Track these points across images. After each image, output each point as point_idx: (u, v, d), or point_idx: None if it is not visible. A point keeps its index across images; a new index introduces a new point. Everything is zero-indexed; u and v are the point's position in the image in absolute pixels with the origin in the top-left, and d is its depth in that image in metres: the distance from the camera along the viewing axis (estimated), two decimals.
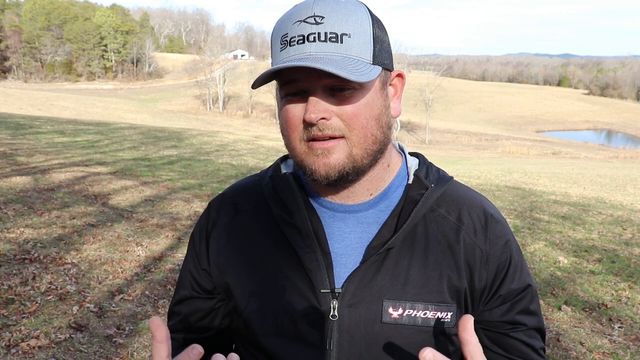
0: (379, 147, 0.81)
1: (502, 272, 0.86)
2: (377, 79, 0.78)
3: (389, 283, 0.82)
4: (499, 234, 0.88)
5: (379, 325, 0.82)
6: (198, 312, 0.98)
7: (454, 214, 0.88)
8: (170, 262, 4.68)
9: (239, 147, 16.60)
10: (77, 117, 30.31)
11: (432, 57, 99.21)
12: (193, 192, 7.75)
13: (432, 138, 50.37)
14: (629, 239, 6.88)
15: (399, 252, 0.84)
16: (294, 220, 0.85)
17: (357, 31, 0.75)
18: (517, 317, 0.87)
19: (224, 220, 0.94)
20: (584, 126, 75.71)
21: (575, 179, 14.94)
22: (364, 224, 0.86)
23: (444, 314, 0.83)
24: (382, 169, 0.86)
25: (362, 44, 0.76)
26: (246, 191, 0.96)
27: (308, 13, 0.75)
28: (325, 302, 0.82)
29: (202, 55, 75.75)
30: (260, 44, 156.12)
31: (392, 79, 0.84)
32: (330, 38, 0.74)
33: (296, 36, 0.75)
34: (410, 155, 0.94)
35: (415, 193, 0.86)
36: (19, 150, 10.00)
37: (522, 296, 0.87)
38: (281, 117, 0.81)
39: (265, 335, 0.86)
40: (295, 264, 0.85)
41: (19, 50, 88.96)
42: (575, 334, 3.85)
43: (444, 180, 0.90)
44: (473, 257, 0.85)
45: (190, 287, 0.97)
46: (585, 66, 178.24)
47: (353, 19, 0.75)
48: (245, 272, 0.89)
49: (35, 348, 3.02)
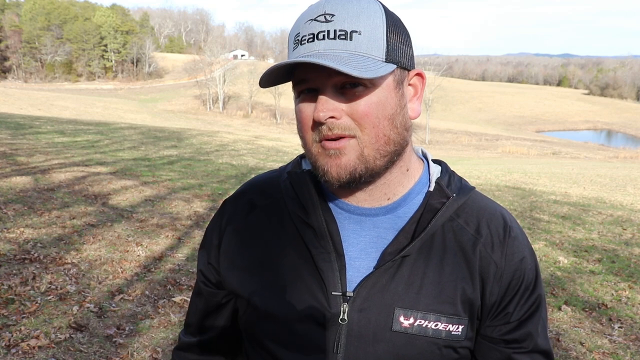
0: (394, 148, 0.79)
1: (514, 289, 0.84)
2: (389, 77, 0.76)
3: (402, 291, 0.81)
4: (516, 250, 0.85)
5: (388, 333, 0.80)
6: (209, 306, 0.99)
7: (472, 225, 0.85)
8: (170, 262, 4.68)
9: (239, 147, 16.61)
10: (77, 117, 30.31)
11: (432, 57, 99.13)
12: (193, 192, 7.75)
13: (432, 138, 50.36)
14: (629, 239, 6.88)
15: (415, 261, 0.82)
16: (309, 219, 0.84)
17: (368, 28, 0.74)
18: (521, 336, 0.85)
19: (239, 216, 0.93)
20: (584, 126, 75.71)
21: (575, 179, 14.93)
22: (380, 228, 0.84)
23: (455, 326, 0.81)
24: (400, 173, 0.84)
25: (374, 41, 0.74)
26: (264, 187, 0.95)
27: (319, 11, 0.75)
28: (335, 305, 0.81)
29: (202, 55, 75.70)
30: (260, 44, 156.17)
31: (411, 79, 0.82)
32: (340, 35, 0.73)
33: (307, 35, 0.75)
34: (433, 163, 0.91)
35: (435, 201, 0.84)
36: (19, 150, 10.00)
37: (528, 315, 0.85)
38: (296, 117, 0.81)
39: (272, 334, 0.86)
40: (308, 263, 0.83)
41: (19, 50, 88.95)
42: (575, 334, 3.84)
43: (466, 190, 0.88)
44: (487, 272, 0.83)
45: (202, 283, 0.99)
46: (585, 66, 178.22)
47: (364, 17, 0.74)
48: (256, 270, 0.88)
49: (35, 348, 3.02)
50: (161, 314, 3.65)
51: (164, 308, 3.74)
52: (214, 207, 6.86)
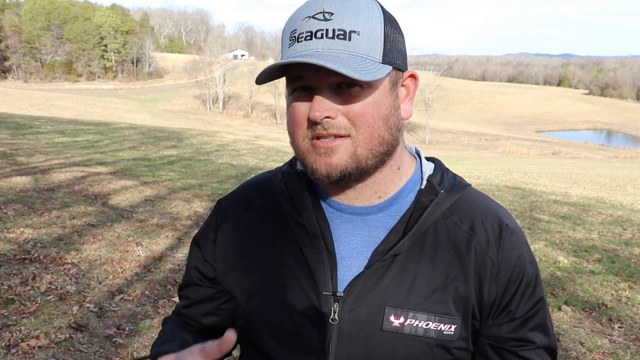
0: (386, 148, 0.78)
1: (514, 286, 0.83)
2: (386, 78, 0.76)
3: (392, 290, 0.80)
4: (513, 246, 0.84)
5: (378, 332, 0.80)
6: (201, 301, 0.97)
7: (466, 222, 0.84)
8: (170, 262, 4.68)
9: (239, 147, 16.61)
10: (77, 117, 30.31)
11: (432, 57, 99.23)
12: (193, 192, 7.75)
13: (432, 138, 50.37)
14: (629, 239, 6.88)
15: (406, 259, 0.81)
16: (302, 219, 0.84)
17: (366, 29, 0.74)
18: (526, 334, 0.83)
19: (234, 215, 0.94)
20: (584, 126, 75.72)
21: (575, 179, 14.93)
22: (372, 227, 0.84)
23: (447, 326, 0.80)
24: (390, 172, 0.84)
25: (372, 42, 0.74)
26: (259, 187, 0.96)
27: (317, 9, 0.74)
28: (326, 305, 0.81)
29: (202, 55, 75.71)
30: (260, 44, 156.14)
31: (405, 80, 0.82)
32: (338, 35, 0.72)
33: (304, 32, 0.74)
34: (426, 160, 0.91)
35: (425, 199, 0.84)
36: (19, 150, 10.00)
37: (532, 313, 0.84)
38: (288, 113, 0.80)
39: (265, 333, 0.86)
40: (301, 263, 0.84)
41: (19, 50, 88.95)
42: (575, 334, 3.84)
43: (459, 187, 0.87)
44: (484, 269, 0.82)
45: (197, 278, 0.97)
46: (585, 66, 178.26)
47: (363, 17, 0.74)
48: (250, 269, 0.88)
49: (35, 348, 3.02)
50: (161, 314, 3.65)
51: (164, 308, 3.74)
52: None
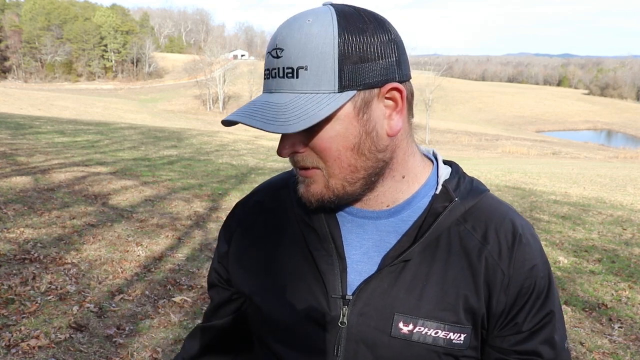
0: (364, 173, 0.76)
1: (523, 298, 0.80)
2: (346, 105, 0.71)
3: (403, 296, 0.79)
4: (526, 257, 0.81)
5: (387, 338, 0.79)
6: (222, 302, 1.01)
7: (480, 230, 0.82)
8: (170, 262, 4.68)
9: (239, 147, 16.59)
10: (77, 117, 30.32)
11: (432, 57, 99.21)
12: (193, 192, 7.75)
13: (432, 138, 50.36)
14: (629, 239, 6.88)
15: (418, 266, 0.80)
16: (312, 222, 0.84)
17: (315, 61, 0.69)
18: (532, 347, 0.81)
19: (249, 218, 0.95)
20: (584, 126, 75.73)
21: (575, 179, 14.93)
22: (383, 232, 0.83)
23: (457, 335, 0.79)
24: (393, 182, 0.81)
25: (321, 74, 0.70)
26: (274, 189, 0.96)
27: (272, 44, 0.74)
28: (335, 308, 0.81)
29: (202, 55, 75.75)
30: (260, 44, 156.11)
31: (387, 93, 0.73)
32: (287, 74, 0.71)
33: (265, 69, 0.76)
34: (444, 164, 0.87)
35: (439, 205, 0.81)
36: (19, 150, 10.00)
37: (540, 326, 0.81)
38: None
39: (276, 334, 0.87)
40: (311, 266, 0.84)
41: (19, 50, 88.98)
42: (575, 334, 3.85)
43: (476, 193, 0.84)
44: (494, 280, 0.80)
45: (216, 279, 1.01)
46: (585, 66, 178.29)
47: (312, 46, 0.69)
48: (261, 271, 0.89)
49: (35, 348, 3.02)
50: (161, 314, 3.65)
51: (164, 308, 3.74)
52: (214, 207, 6.87)
